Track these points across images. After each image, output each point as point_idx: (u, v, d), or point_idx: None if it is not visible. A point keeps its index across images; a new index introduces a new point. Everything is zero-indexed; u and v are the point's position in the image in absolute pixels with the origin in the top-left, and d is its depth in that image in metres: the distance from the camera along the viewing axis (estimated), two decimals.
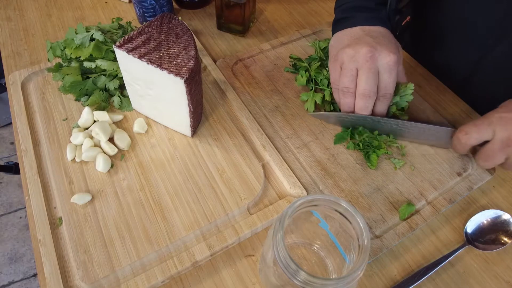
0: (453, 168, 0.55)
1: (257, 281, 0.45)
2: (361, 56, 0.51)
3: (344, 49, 0.53)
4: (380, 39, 0.52)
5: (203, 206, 0.49)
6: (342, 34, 0.57)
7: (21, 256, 1.42)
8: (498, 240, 0.49)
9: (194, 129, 0.56)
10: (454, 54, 0.68)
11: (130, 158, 0.54)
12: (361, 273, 0.33)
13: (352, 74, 0.52)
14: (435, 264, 0.46)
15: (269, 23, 0.78)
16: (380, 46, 0.51)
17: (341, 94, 0.54)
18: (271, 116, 0.61)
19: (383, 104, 0.53)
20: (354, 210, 0.35)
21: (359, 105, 0.53)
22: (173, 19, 0.52)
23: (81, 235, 0.47)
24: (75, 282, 0.44)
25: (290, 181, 0.52)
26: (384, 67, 0.51)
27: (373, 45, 0.51)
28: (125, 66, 0.52)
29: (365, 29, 0.55)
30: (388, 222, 0.50)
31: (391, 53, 0.50)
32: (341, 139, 0.57)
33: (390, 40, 0.53)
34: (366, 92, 0.51)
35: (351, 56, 0.51)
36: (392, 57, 0.50)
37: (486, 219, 0.51)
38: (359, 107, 0.53)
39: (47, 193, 0.51)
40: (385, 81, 0.51)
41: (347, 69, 0.52)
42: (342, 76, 0.53)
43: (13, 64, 0.68)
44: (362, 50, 0.50)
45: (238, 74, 0.67)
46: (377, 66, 0.51)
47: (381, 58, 0.50)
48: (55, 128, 0.57)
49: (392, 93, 0.53)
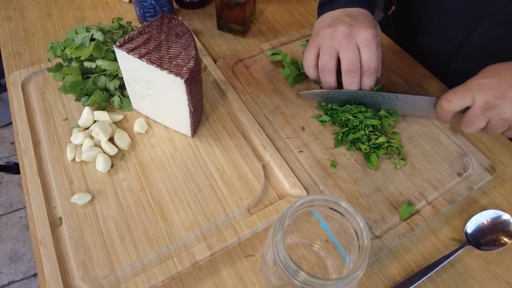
0: (453, 168, 0.55)
1: (257, 281, 0.45)
2: (339, 34, 0.53)
3: (324, 29, 0.55)
4: (358, 17, 0.55)
5: (203, 206, 0.49)
6: (324, 16, 0.59)
7: (21, 256, 1.42)
8: (498, 240, 0.49)
9: (194, 129, 0.56)
10: (436, 39, 0.70)
11: (130, 158, 0.54)
12: (361, 273, 0.33)
13: (331, 52, 0.54)
14: (435, 264, 0.46)
15: (269, 23, 0.78)
16: (357, 23, 0.53)
17: (321, 73, 0.57)
18: (271, 116, 0.60)
19: (369, 78, 0.55)
20: (354, 210, 0.35)
21: (346, 82, 0.55)
22: (174, 19, 0.52)
23: (81, 235, 0.47)
24: (75, 282, 0.44)
25: (290, 181, 0.52)
26: (363, 43, 0.53)
27: (350, 23, 0.53)
28: (125, 66, 0.52)
29: (345, 11, 0.57)
30: (388, 222, 0.50)
31: (368, 28, 0.53)
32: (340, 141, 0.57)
33: (367, 18, 0.56)
34: (350, 68, 0.54)
35: (330, 34, 0.54)
36: (369, 31, 0.53)
37: (486, 219, 0.51)
38: (347, 84, 0.55)
39: (47, 193, 0.51)
40: (367, 55, 0.54)
41: (326, 47, 0.55)
42: (322, 55, 0.55)
43: (14, 64, 0.68)
44: (340, 29, 0.53)
45: (238, 74, 0.67)
46: (356, 42, 0.53)
47: (359, 34, 0.53)
48: (55, 128, 0.57)
49: (375, 67, 0.54)
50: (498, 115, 0.48)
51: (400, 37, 0.77)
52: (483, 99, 0.48)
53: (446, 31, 0.68)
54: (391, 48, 0.74)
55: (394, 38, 0.76)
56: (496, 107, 0.48)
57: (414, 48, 0.73)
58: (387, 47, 0.74)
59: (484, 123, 0.50)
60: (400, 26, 0.81)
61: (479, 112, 0.49)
